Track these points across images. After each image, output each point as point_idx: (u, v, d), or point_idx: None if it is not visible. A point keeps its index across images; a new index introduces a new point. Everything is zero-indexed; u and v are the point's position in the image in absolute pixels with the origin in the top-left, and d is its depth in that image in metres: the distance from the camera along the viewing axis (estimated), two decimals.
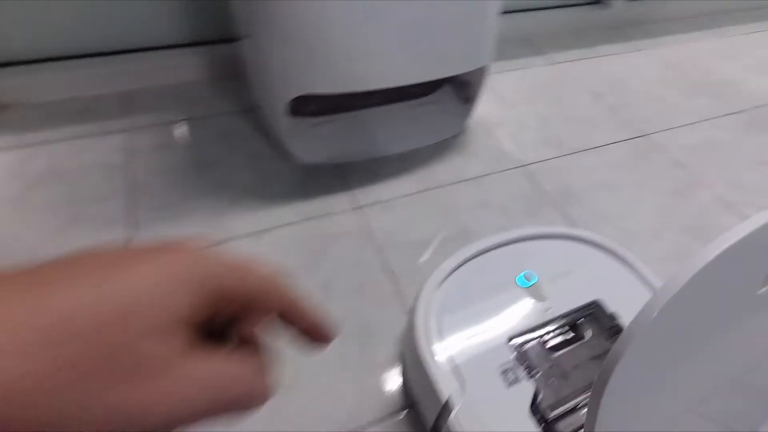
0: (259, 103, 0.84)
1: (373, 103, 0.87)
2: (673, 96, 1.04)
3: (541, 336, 0.49)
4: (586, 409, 0.44)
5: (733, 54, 1.22)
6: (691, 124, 0.96)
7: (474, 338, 0.48)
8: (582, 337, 0.50)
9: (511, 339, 0.48)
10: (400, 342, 0.57)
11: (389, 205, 0.73)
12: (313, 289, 0.61)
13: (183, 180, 0.73)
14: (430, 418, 0.46)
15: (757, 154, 0.91)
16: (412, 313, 0.50)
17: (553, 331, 0.50)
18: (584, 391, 0.46)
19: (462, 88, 0.88)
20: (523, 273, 0.54)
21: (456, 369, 0.45)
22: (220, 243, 0.65)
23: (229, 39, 0.90)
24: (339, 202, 0.73)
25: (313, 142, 0.80)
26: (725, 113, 1.00)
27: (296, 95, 0.67)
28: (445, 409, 0.43)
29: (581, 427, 0.42)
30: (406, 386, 0.53)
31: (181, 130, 0.82)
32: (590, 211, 0.76)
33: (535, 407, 0.43)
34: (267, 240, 0.66)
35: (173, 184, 0.72)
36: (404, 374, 0.54)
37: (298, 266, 0.64)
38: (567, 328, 0.51)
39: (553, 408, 0.44)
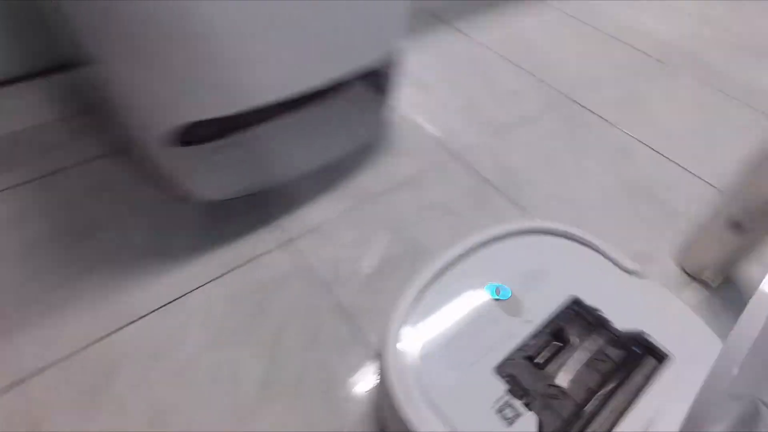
0: (135, 139, 0.75)
1: (277, 113, 0.81)
2: (589, 52, 1.09)
3: (528, 354, 0.48)
4: (594, 422, 0.44)
5: (634, 1, 1.32)
6: (613, 79, 1.02)
7: (459, 378, 0.45)
8: (569, 342, 0.51)
9: (498, 368, 0.46)
10: (375, 396, 0.54)
11: (323, 231, 0.69)
12: (260, 352, 0.56)
13: (52, 258, 0.63)
14: None
15: (678, 98, 0.99)
16: (382, 363, 0.47)
17: (538, 344, 0.49)
18: (586, 404, 0.46)
19: (375, 79, 0.85)
20: (493, 286, 0.53)
21: (448, 422, 0.42)
22: (121, 329, 0.57)
23: (73, 63, 0.79)
24: (263, 240, 0.67)
25: (214, 175, 0.73)
26: (641, 62, 1.08)
27: (179, 124, 0.60)
28: None
29: None
30: None
31: (35, 192, 0.71)
32: (538, 192, 0.77)
33: None
34: (186, 309, 0.59)
35: (39, 267, 0.62)
36: None
37: (236, 329, 0.58)
38: (551, 337, 0.51)
39: None
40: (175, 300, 0.60)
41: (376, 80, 0.84)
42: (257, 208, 0.71)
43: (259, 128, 0.80)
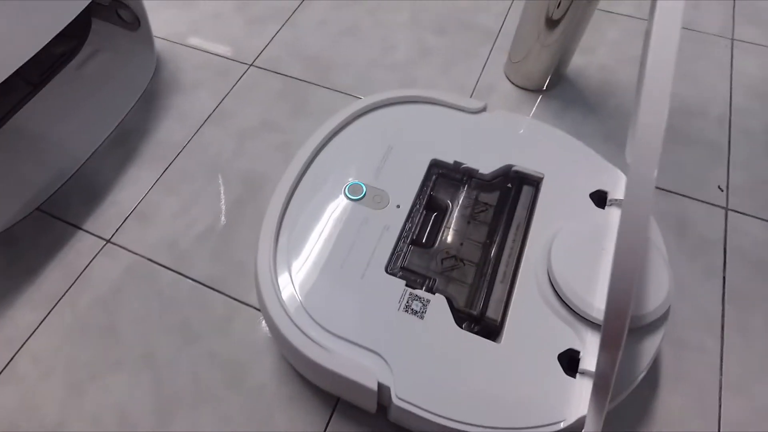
0: None
1: (11, 102, 0.67)
2: None
3: (411, 239, 0.49)
4: (499, 272, 0.46)
5: None
6: None
7: (354, 296, 0.45)
8: (446, 207, 0.52)
9: (387, 267, 0.47)
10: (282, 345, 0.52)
11: (141, 214, 0.62)
12: (136, 372, 0.51)
13: None
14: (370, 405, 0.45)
15: None
16: (265, 314, 0.45)
17: (417, 224, 0.50)
18: (486, 260, 0.48)
19: (117, 12, 0.73)
20: (347, 187, 0.51)
21: (370, 342, 0.43)
22: None
23: None
24: (78, 254, 0.59)
25: None
26: None
27: None
28: (382, 394, 0.42)
29: (508, 295, 0.45)
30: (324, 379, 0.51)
31: None
32: (352, 66, 0.75)
33: (457, 317, 0.44)
34: (26, 367, 0.51)
35: None
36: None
37: (96, 361, 0.52)
38: (427, 210, 0.51)
39: (472, 304, 0.45)
40: (8, 363, 0.51)
41: (120, 12, 0.72)
42: (51, 222, 0.61)
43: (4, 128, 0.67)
